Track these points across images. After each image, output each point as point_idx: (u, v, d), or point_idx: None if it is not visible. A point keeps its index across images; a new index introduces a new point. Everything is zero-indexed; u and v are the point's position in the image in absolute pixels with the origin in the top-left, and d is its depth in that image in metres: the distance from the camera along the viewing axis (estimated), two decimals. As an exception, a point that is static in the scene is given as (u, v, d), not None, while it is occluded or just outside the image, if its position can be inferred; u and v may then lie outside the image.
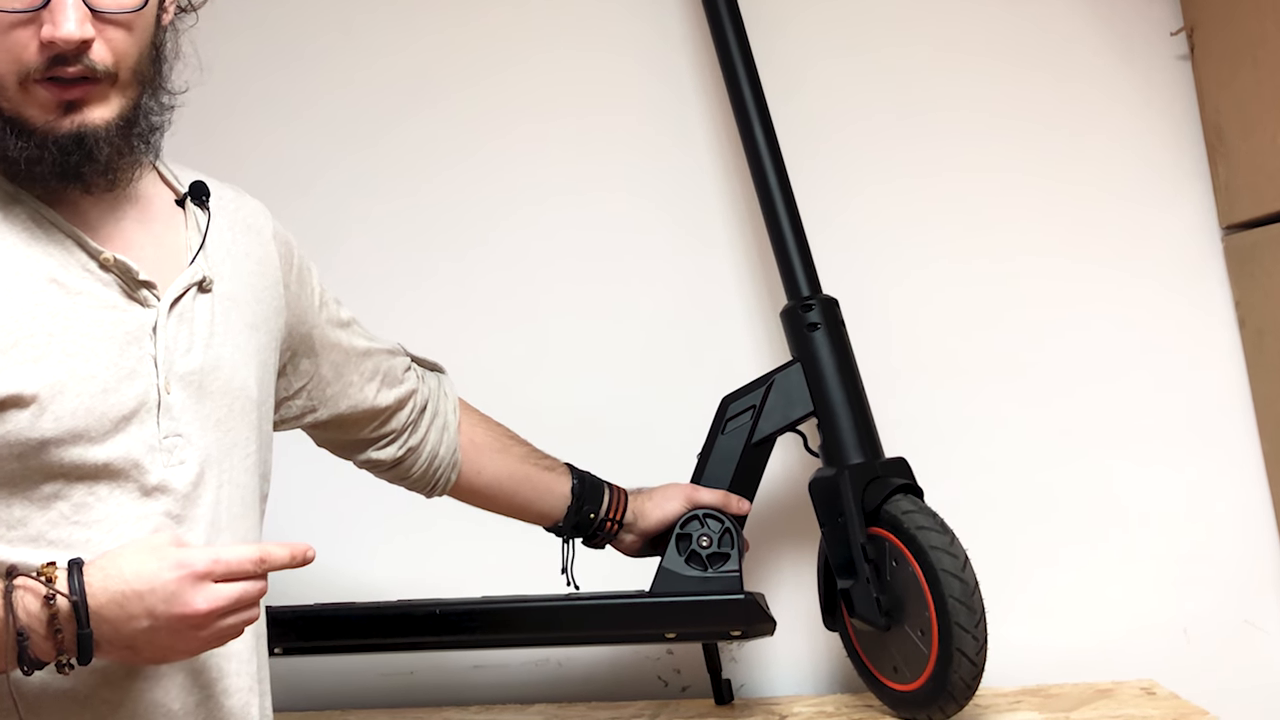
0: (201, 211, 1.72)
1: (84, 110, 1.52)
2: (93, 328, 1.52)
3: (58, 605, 1.39)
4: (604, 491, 2.21)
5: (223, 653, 1.60)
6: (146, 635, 1.41)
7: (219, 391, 1.62)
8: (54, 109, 1.51)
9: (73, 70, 1.49)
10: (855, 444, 2.20)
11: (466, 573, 2.52)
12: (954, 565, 2.01)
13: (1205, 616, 2.43)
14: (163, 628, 1.41)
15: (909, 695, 2.13)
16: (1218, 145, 2.43)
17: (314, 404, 1.95)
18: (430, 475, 2.10)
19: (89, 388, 1.50)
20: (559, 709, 2.49)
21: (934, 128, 2.57)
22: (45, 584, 1.40)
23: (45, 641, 1.40)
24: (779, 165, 2.36)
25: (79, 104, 1.52)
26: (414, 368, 2.11)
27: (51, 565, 1.41)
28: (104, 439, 1.50)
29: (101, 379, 1.51)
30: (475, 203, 2.69)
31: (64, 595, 1.39)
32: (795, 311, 2.29)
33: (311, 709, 2.61)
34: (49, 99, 1.50)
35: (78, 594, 1.39)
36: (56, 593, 1.39)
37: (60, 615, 1.39)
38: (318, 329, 1.91)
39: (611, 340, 2.63)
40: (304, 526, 2.37)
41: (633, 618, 2.17)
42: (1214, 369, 2.46)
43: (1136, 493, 2.46)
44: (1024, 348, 2.51)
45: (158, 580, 1.40)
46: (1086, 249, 2.50)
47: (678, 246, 2.63)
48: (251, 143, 2.76)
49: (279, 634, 2.19)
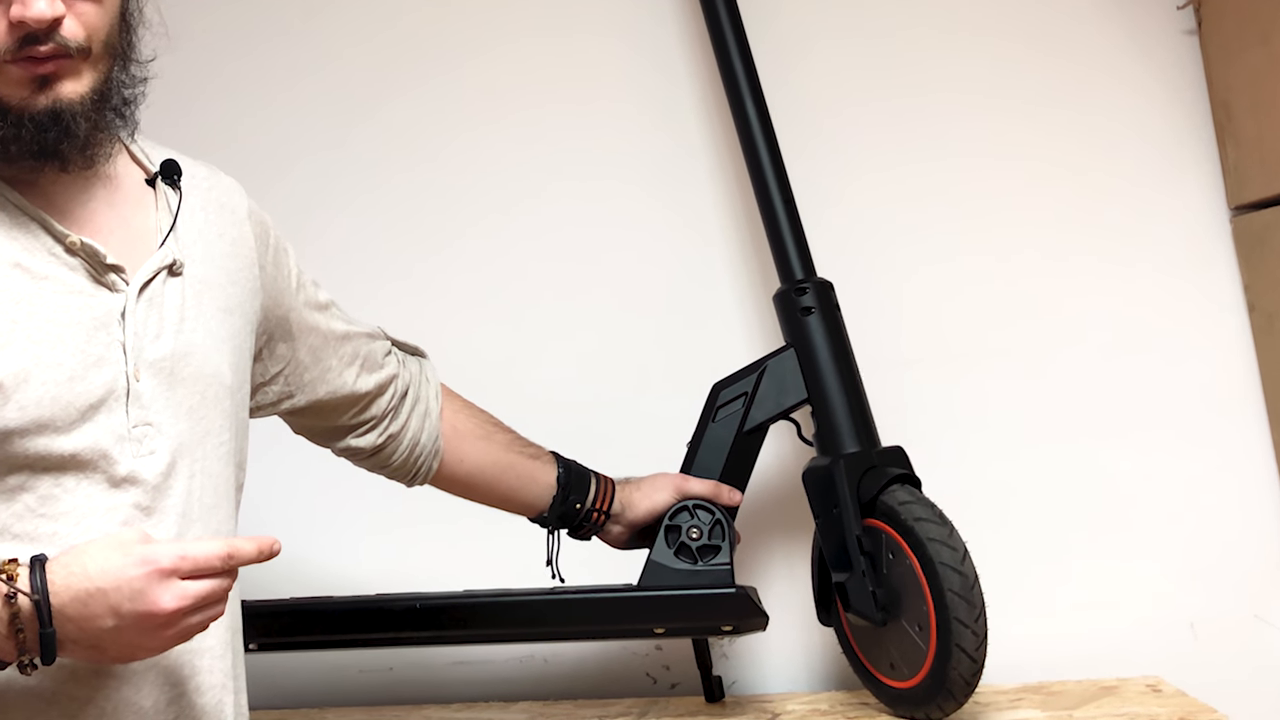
0: (173, 191, 1.72)
1: (57, 86, 1.52)
2: (59, 314, 1.52)
3: (19, 604, 1.38)
4: (590, 481, 2.21)
5: (195, 648, 1.60)
6: (111, 634, 1.40)
7: (191, 378, 1.62)
8: (28, 86, 1.51)
9: (45, 49, 1.50)
10: (850, 432, 2.20)
11: (448, 566, 2.51)
12: (953, 558, 2.00)
13: (1213, 611, 2.43)
14: (128, 626, 1.40)
15: (906, 693, 2.13)
16: (1226, 123, 2.43)
17: (291, 389, 1.95)
18: (411, 463, 2.10)
19: (55, 375, 1.49)
20: (544, 707, 2.49)
21: (933, 108, 2.56)
22: (6, 582, 1.39)
23: (7, 641, 1.39)
24: (773, 145, 2.36)
25: (52, 79, 1.52)
26: (395, 352, 2.11)
27: (13, 562, 1.41)
28: (71, 429, 1.50)
29: (68, 367, 1.51)
30: (461, 186, 2.69)
31: (25, 594, 1.38)
32: (789, 295, 2.28)
33: (288, 706, 2.61)
34: (22, 75, 1.51)
35: (40, 592, 1.38)
36: (18, 591, 1.38)
37: (22, 614, 1.38)
38: (295, 312, 1.91)
39: (598, 324, 2.63)
40: (280, 517, 2.38)
41: (620, 612, 2.17)
42: (1222, 355, 2.46)
43: (1142, 482, 2.46)
44: (1025, 333, 2.51)
45: (123, 577, 1.39)
46: (1090, 231, 2.50)
47: (668, 229, 2.62)
48: (228, 121, 2.75)
49: (254, 629, 2.17)
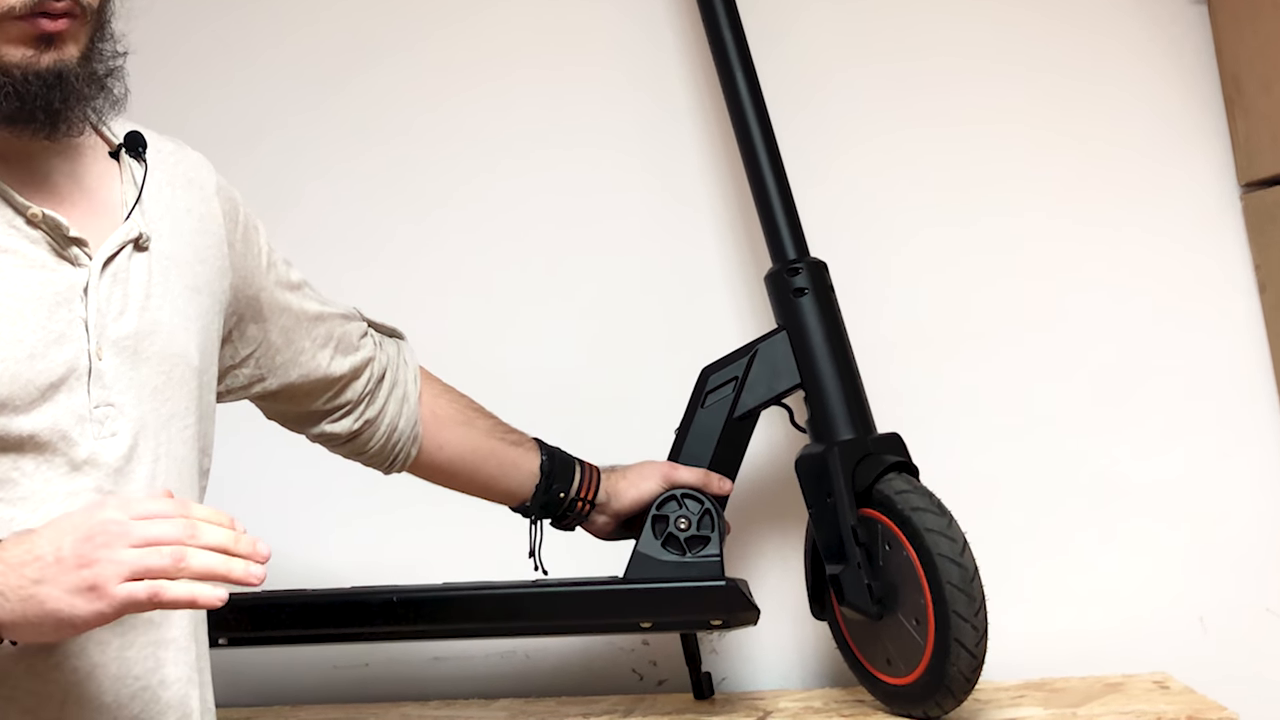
0: (138, 164, 1.71)
1: (62, 45, 1.53)
2: (19, 288, 1.51)
3: None
4: (575, 469, 2.21)
5: (158, 640, 1.60)
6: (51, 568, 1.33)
7: (156, 357, 1.61)
8: (32, 43, 1.51)
9: (61, 4, 1.51)
10: (845, 418, 2.20)
11: (426, 557, 2.51)
12: (952, 549, 2.01)
13: (1223, 604, 2.43)
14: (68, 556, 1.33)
15: (903, 689, 2.13)
16: (1236, 97, 2.43)
17: (262, 373, 1.94)
18: (388, 450, 2.10)
19: (14, 353, 1.49)
20: (526, 704, 2.49)
21: (933, 76, 2.56)
22: None
23: None
24: (763, 116, 2.35)
25: (58, 39, 1.52)
26: (371, 333, 2.10)
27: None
28: (30, 409, 1.49)
29: (28, 344, 1.50)
30: (437, 158, 2.68)
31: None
32: (780, 276, 2.28)
33: (258, 704, 2.61)
34: (28, 32, 1.50)
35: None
36: None
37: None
38: (265, 291, 1.90)
39: (582, 306, 2.63)
40: (251, 506, 2.35)
41: (605, 606, 2.17)
42: (1231, 337, 2.46)
43: (1148, 470, 2.46)
44: (1027, 315, 2.51)
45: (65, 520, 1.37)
46: (1095, 208, 2.50)
47: (653, 205, 2.62)
48: (194, 92, 2.75)
49: (222, 623, 2.16)
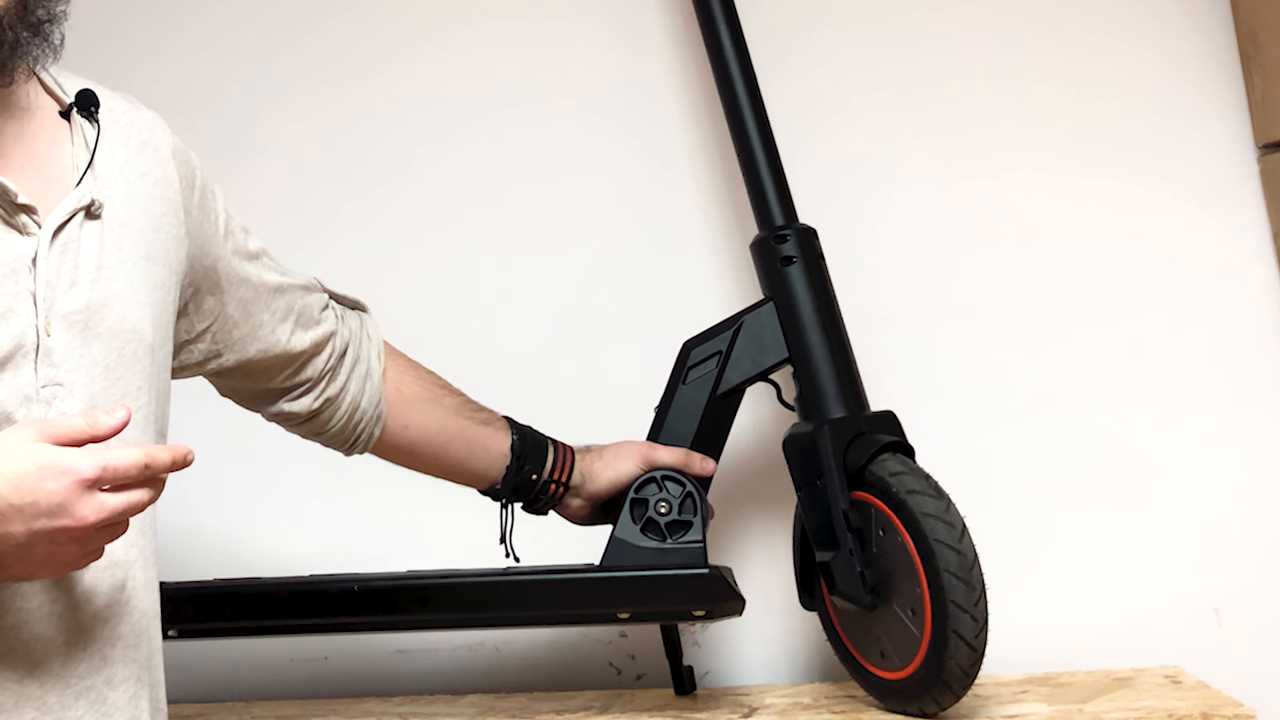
0: (89, 125, 1.70)
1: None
2: (-37, 259, 1.51)
3: None
4: (548, 449, 2.21)
5: (105, 637, 1.59)
6: (19, 550, 1.39)
7: (107, 333, 1.60)
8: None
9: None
10: (836, 395, 2.21)
11: (390, 544, 2.51)
12: (949, 535, 2.02)
13: (1239, 595, 2.44)
14: (41, 540, 1.38)
15: (898, 684, 2.14)
16: (1253, 53, 2.43)
17: (219, 348, 1.93)
18: (351, 429, 2.10)
19: (-42, 328, 1.49)
20: (495, 700, 2.49)
21: (929, 29, 2.57)
22: None
23: None
24: (748, 74, 2.35)
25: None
26: (333, 306, 2.10)
27: None
28: (-28, 388, 1.49)
29: (-28, 318, 1.50)
30: (400, 118, 2.68)
31: None
32: (767, 243, 2.29)
33: (212, 699, 2.60)
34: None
35: None
36: None
37: None
38: (223, 261, 1.89)
39: (556, 276, 2.63)
40: (205, 489, 2.36)
41: (581, 595, 2.18)
42: (1248, 309, 2.47)
43: (1160, 450, 2.46)
44: (1031, 284, 2.51)
45: (41, 489, 1.37)
46: (1103, 171, 2.51)
47: (632, 168, 2.63)
48: (143, 46, 2.74)
49: (174, 614, 2.17)
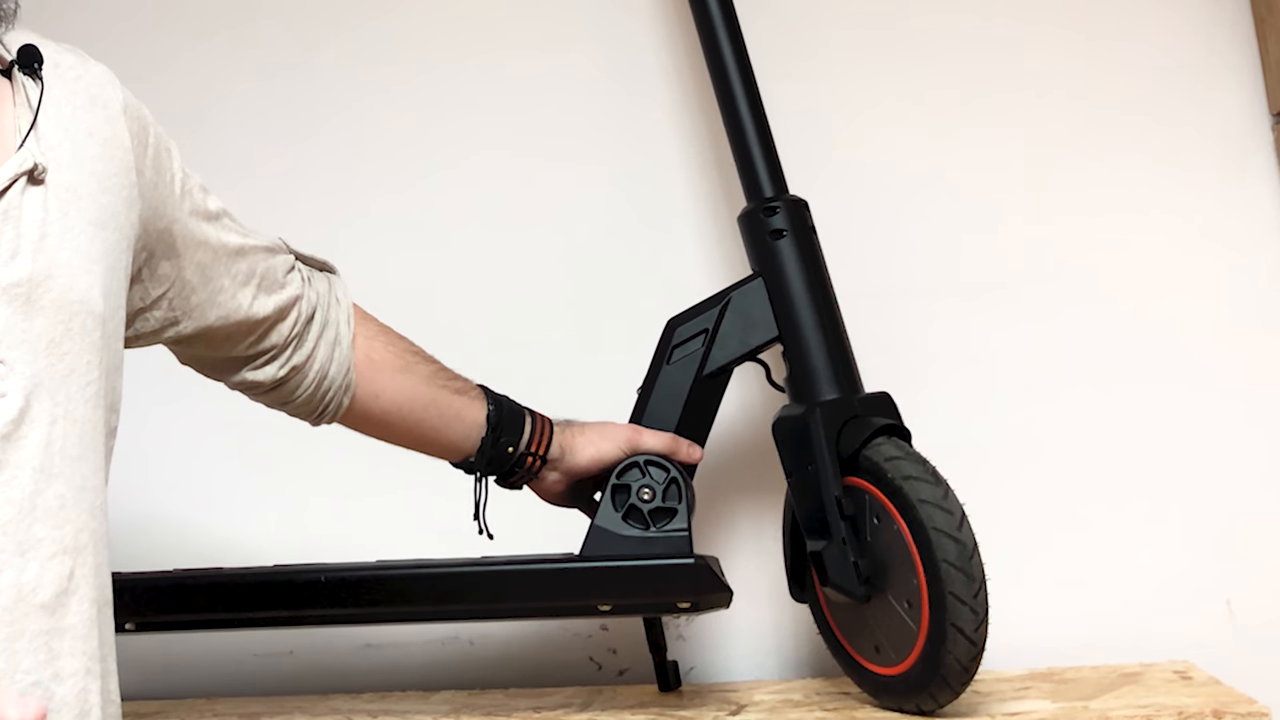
0: (33, 83, 1.68)
1: None
2: (-102, 229, 1.50)
3: None
4: (525, 420, 2.19)
5: (53, 629, 1.56)
6: None
7: (53, 306, 1.58)
8: None
9: None
10: (829, 376, 2.19)
11: (357, 532, 2.52)
12: (948, 523, 2.00)
13: (1253, 586, 2.43)
14: None
15: (894, 680, 2.12)
16: (1268, 16, 2.42)
17: (176, 315, 1.90)
18: (318, 398, 2.07)
19: (-111, 304, 1.47)
20: (469, 697, 2.48)
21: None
22: None
23: None
24: (736, 35, 2.34)
25: None
26: (299, 268, 2.07)
27: None
28: (-93, 368, 1.47)
29: (-95, 293, 1.48)
30: (367, 74, 2.68)
31: None
32: (756, 215, 2.27)
33: (170, 696, 2.60)
34: None
35: None
36: None
37: None
38: (179, 223, 1.86)
39: (533, 248, 2.63)
40: (158, 470, 2.36)
41: (559, 586, 2.16)
42: (1261, 287, 2.46)
43: (1169, 434, 2.46)
44: (1033, 258, 2.51)
45: None
46: (1109, 138, 2.50)
47: (614, 132, 2.63)
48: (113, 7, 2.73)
49: (130, 606, 2.17)
